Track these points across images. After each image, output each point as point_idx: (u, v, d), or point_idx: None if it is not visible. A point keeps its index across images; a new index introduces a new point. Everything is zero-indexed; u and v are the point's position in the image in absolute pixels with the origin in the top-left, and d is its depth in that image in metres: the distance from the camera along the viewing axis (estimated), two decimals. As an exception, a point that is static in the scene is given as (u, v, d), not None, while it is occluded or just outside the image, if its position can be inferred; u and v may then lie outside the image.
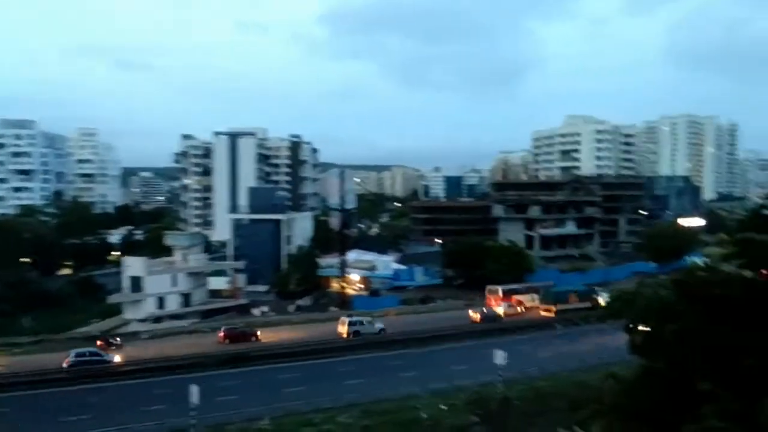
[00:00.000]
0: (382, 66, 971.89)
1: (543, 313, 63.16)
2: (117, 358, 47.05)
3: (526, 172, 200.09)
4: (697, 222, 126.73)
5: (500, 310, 63.11)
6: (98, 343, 52.68)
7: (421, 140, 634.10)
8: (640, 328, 14.86)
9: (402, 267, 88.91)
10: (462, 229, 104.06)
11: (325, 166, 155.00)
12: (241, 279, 78.88)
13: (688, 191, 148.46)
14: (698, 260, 56.00)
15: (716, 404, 10.58)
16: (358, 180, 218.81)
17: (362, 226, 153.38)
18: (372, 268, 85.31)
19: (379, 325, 55.73)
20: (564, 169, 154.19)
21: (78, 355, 45.40)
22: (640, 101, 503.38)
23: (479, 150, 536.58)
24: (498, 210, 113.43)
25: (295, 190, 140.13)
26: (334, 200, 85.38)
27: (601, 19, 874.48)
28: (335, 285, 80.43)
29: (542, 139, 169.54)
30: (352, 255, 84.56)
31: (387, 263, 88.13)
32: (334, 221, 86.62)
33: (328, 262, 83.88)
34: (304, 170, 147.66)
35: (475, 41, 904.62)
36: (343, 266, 79.65)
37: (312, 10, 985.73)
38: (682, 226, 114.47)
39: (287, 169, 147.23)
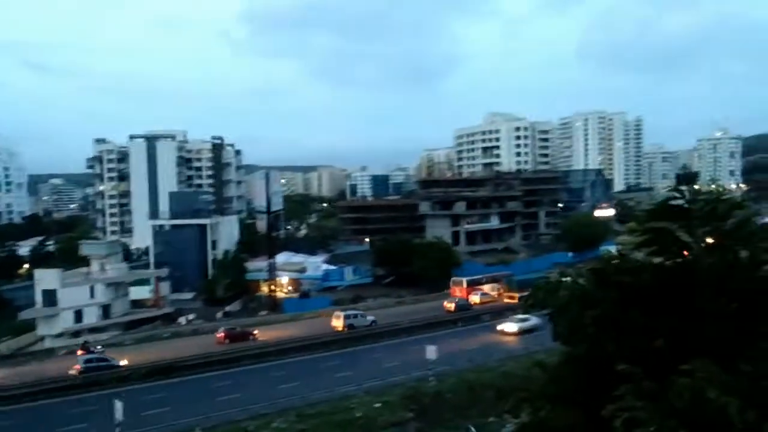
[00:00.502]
0: (306, 64, 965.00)
1: (507, 301, 65.18)
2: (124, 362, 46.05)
3: (451, 168, 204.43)
4: (609, 212, 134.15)
5: (476, 298, 65.26)
6: (79, 352, 50.15)
7: (347, 139, 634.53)
8: (564, 316, 15.57)
9: (332, 267, 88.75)
10: (390, 227, 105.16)
11: (250, 168, 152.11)
12: (165, 287, 76.13)
13: (600, 183, 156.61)
14: (611, 249, 59.38)
15: (632, 384, 11.28)
16: (284, 181, 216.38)
17: (290, 227, 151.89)
18: (302, 270, 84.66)
19: (370, 318, 58.31)
20: (486, 165, 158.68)
21: (87, 361, 45.19)
22: (555, 98, 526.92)
23: (404, 148, 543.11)
24: (425, 207, 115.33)
25: (219, 194, 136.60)
26: (260, 202, 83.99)
27: (519, 19, 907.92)
28: (264, 289, 79.20)
29: (464, 137, 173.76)
30: (280, 257, 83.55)
31: (317, 264, 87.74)
32: (261, 224, 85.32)
33: (256, 265, 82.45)
34: (228, 173, 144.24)
35: (399, 40, 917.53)
36: (272, 269, 78.55)
37: (232, 8, 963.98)
38: (596, 217, 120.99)
39: (210, 172, 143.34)
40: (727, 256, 13.48)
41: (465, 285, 69.77)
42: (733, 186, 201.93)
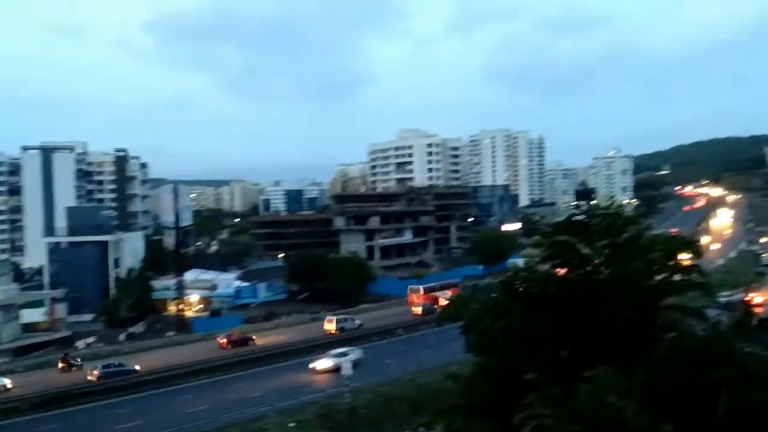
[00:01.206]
0: (215, 77, 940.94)
1: None
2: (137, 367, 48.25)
3: (365, 184, 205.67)
4: (515, 226, 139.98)
5: (443, 302, 66.27)
6: (60, 365, 50.53)
7: (260, 154, 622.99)
8: (476, 328, 15.96)
9: (244, 284, 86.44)
10: (304, 243, 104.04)
11: (157, 182, 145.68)
12: (61, 309, 71.02)
13: (507, 199, 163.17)
14: (519, 261, 61.90)
15: (540, 392, 11.73)
16: (194, 195, 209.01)
17: (200, 243, 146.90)
18: (212, 288, 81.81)
19: (357, 322, 63.67)
20: (399, 180, 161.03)
21: (105, 367, 47.47)
22: (463, 116, 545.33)
23: (319, 163, 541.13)
24: (339, 222, 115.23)
25: (122, 209, 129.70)
26: (168, 217, 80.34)
27: (428, 39, 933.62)
28: (172, 308, 75.68)
29: (378, 152, 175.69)
30: (190, 275, 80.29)
31: (228, 281, 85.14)
32: (169, 240, 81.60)
33: (163, 283, 78.77)
34: (132, 186, 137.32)
35: (311, 55, 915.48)
36: (181, 287, 75.25)
37: (136, 17, 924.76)
38: (504, 231, 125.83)
39: (113, 186, 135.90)
40: (623, 268, 14.44)
41: (422, 292, 73.91)
42: (625, 201, 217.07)
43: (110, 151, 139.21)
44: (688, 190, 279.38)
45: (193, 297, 78.35)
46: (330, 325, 61.34)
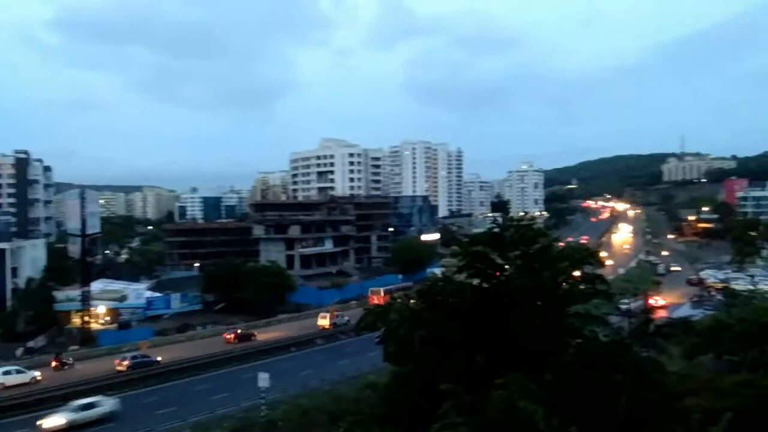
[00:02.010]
0: (129, 79, 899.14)
1: None
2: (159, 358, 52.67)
3: (286, 192, 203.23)
4: (434, 236, 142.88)
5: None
6: (53, 363, 52.40)
7: (176, 160, 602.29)
8: (393, 337, 16.11)
9: (157, 294, 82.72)
10: (222, 251, 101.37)
11: (63, 187, 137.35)
12: (-52, 323, 65.02)
13: (426, 209, 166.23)
14: (437, 271, 63.35)
15: (454, 401, 11.99)
16: (103, 201, 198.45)
17: (109, 252, 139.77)
18: (121, 298, 77.64)
19: (346, 318, 67.50)
20: (321, 189, 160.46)
21: (134, 358, 51.71)
22: (383, 127, 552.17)
23: (238, 171, 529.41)
24: (258, 230, 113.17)
25: (22, 214, 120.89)
26: (74, 224, 75.51)
27: (348, 51, 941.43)
28: (77, 320, 71.18)
29: (300, 161, 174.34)
30: (97, 285, 75.81)
31: (139, 292, 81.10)
32: (75, 248, 76.70)
33: (67, 294, 73.90)
34: (34, 191, 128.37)
35: (231, 60, 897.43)
36: (86, 298, 70.89)
37: (42, 13, 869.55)
38: (423, 241, 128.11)
39: (12, 190, 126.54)
40: (534, 278, 15.09)
41: (383, 294, 75.14)
42: (537, 213, 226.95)
43: (9, 153, 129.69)
44: (594, 203, 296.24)
45: (100, 308, 74.07)
46: (323, 321, 67.43)
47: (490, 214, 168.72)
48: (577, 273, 15.55)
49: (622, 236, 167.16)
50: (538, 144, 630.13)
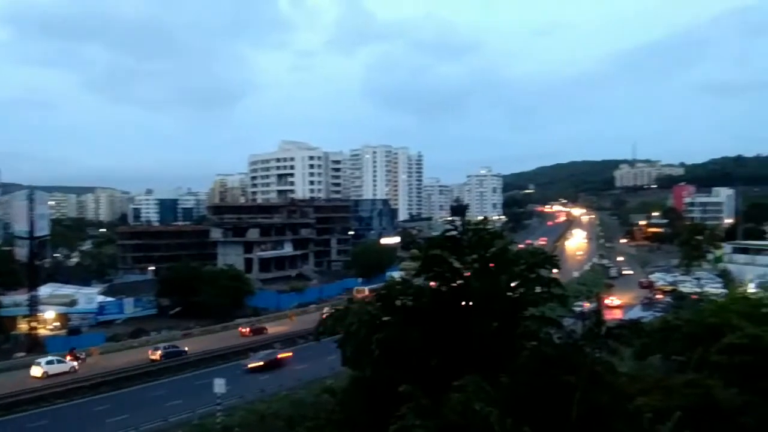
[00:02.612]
0: (82, 77, 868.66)
1: None
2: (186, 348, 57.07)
3: (245, 195, 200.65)
4: (394, 240, 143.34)
5: None
6: (67, 357, 53.10)
7: (130, 160, 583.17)
8: (352, 341, 16.09)
9: (109, 299, 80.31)
10: (178, 255, 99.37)
11: (10, 188, 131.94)
12: None
13: (387, 213, 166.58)
14: (397, 274, 63.77)
15: (412, 403, 12.03)
16: (53, 203, 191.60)
17: (58, 255, 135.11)
18: (71, 303, 75.06)
19: None
20: (280, 192, 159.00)
21: (166, 348, 56.61)
22: (343, 131, 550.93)
23: (195, 172, 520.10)
24: (216, 233, 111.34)
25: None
26: (21, 226, 72.57)
27: (307, 53, 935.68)
28: (23, 326, 68.43)
29: (259, 163, 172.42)
30: (45, 289, 73.08)
31: (90, 296, 78.56)
32: (22, 251, 73.72)
33: (14, 299, 71.02)
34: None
35: (189, 61, 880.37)
36: (34, 303, 68.21)
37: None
38: (383, 244, 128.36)
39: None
40: (490, 281, 15.30)
41: (367, 292, 72.37)
42: (495, 217, 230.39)
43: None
44: (550, 208, 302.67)
45: (49, 314, 71.41)
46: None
47: (450, 218, 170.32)
48: (533, 277, 15.84)
49: (577, 240, 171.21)
50: (497, 149, 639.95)
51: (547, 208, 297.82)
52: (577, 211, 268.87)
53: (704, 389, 22.99)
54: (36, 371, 49.42)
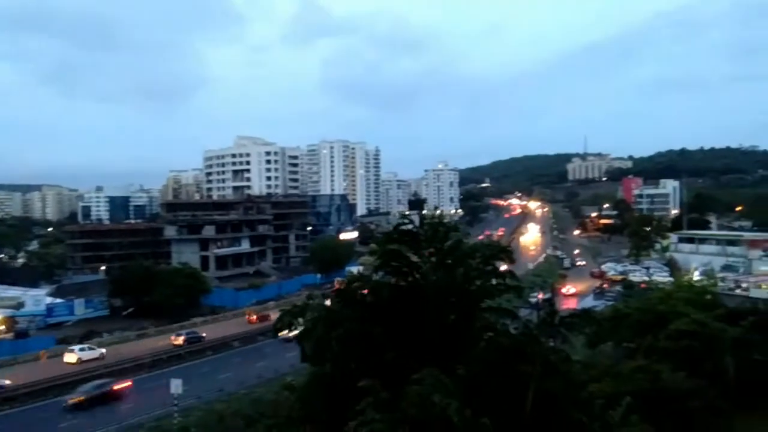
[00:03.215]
0: (24, 70, 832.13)
1: None
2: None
3: (199, 191, 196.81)
4: (353, 235, 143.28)
5: None
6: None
7: (79, 157, 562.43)
8: (311, 337, 16.02)
9: (58, 300, 77.67)
10: (131, 254, 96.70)
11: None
12: None
13: (345, 208, 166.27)
14: (355, 269, 63.66)
15: (371, 397, 12.08)
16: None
17: (3, 256, 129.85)
18: (18, 306, 72.34)
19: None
20: (236, 188, 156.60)
21: (188, 334, 61.21)
22: (300, 125, 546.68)
23: (148, 169, 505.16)
24: (170, 231, 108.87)
25: None
26: (-40, 227, 69.60)
27: (262, 47, 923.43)
28: (-36, 331, 65.54)
29: (214, 159, 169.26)
30: (-12, 292, 70.24)
31: (38, 298, 75.83)
32: (-38, 253, 70.67)
33: (-47, 303, 67.98)
34: None
35: (140, 54, 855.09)
36: (-24, 307, 65.46)
37: None
38: (342, 240, 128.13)
39: None
40: (447, 274, 15.48)
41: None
42: (453, 211, 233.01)
43: None
44: (505, 201, 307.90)
45: (-7, 317, 68.59)
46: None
47: (408, 212, 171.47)
48: (489, 269, 16.09)
49: (532, 232, 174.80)
50: (453, 144, 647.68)
51: (502, 202, 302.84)
52: (532, 204, 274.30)
53: (653, 374, 23.97)
54: (71, 357, 53.57)
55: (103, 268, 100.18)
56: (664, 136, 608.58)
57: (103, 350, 56.27)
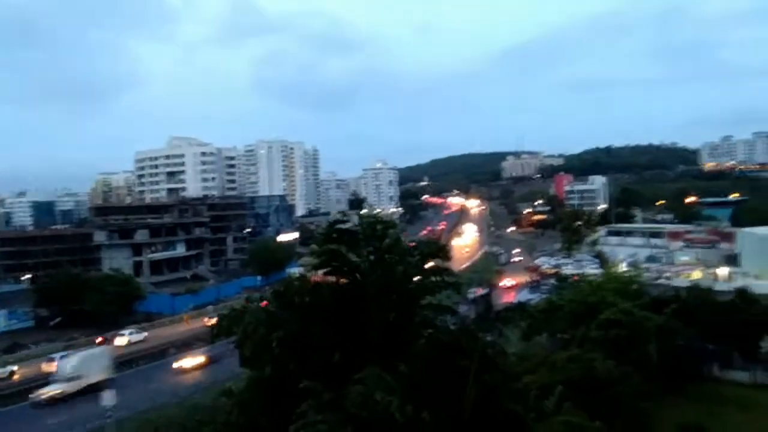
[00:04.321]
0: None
1: None
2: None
3: (131, 194, 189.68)
4: (293, 236, 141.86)
5: None
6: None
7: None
8: (249, 341, 15.77)
9: (-24, 313, 73.06)
10: (57, 261, 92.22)
11: None
12: None
13: (284, 209, 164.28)
14: (295, 271, 63.07)
15: (313, 399, 12.05)
16: None
17: None
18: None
19: None
20: (171, 190, 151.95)
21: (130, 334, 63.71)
22: (235, 126, 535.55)
23: (74, 172, 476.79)
24: (100, 236, 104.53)
25: None
26: None
27: (194, 46, 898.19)
28: None
29: (146, 160, 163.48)
30: None
31: (-48, 312, 71.14)
32: None
33: None
34: None
35: (63, 52, 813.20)
36: None
37: None
38: (281, 241, 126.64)
39: None
40: (386, 273, 15.61)
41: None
42: (392, 209, 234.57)
43: None
44: (444, 199, 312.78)
45: None
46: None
47: (348, 212, 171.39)
48: (427, 267, 16.34)
49: (470, 228, 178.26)
50: (392, 143, 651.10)
51: (441, 200, 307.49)
52: (470, 202, 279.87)
53: (585, 363, 25.00)
54: (122, 341, 61.75)
55: (27, 276, 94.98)
56: (592, 134, 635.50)
57: (146, 333, 65.52)
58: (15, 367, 53.29)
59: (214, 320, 56.87)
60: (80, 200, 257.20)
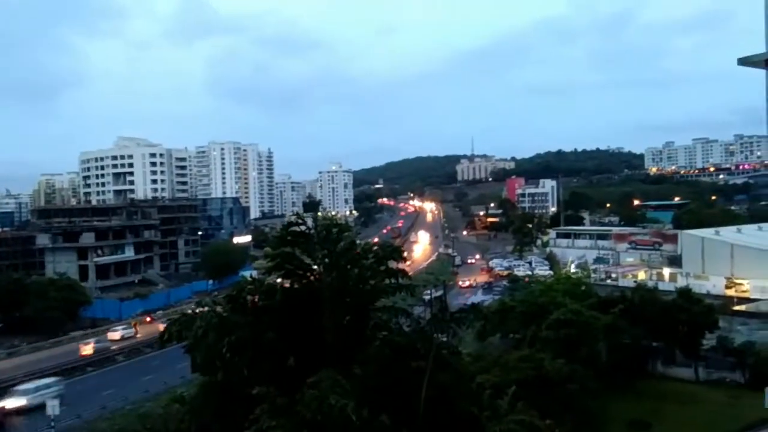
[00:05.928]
0: None
1: None
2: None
3: (76, 196, 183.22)
4: (246, 239, 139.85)
5: None
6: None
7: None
8: (201, 346, 15.43)
9: None
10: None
11: None
12: None
13: (237, 211, 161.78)
14: (248, 274, 62.31)
15: (267, 404, 11.87)
16: None
17: None
18: None
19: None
20: (118, 192, 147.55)
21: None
22: (189, 127, 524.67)
23: (15, 172, 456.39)
24: (43, 239, 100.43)
25: None
26: None
27: (142, 44, 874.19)
28: None
29: (92, 161, 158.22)
30: None
31: None
32: None
33: None
34: None
35: (2, 48, 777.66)
36: None
37: None
38: (235, 244, 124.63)
39: None
40: (341, 276, 15.54)
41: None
42: (348, 212, 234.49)
43: None
44: (399, 202, 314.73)
45: None
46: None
47: (303, 215, 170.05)
48: (382, 269, 16.33)
49: (425, 231, 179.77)
50: (347, 145, 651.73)
51: (396, 202, 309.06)
52: (425, 205, 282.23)
53: (536, 362, 25.58)
54: (116, 335, 66.07)
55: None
56: (542, 138, 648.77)
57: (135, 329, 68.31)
58: None
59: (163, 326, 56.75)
60: (22, 202, 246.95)
